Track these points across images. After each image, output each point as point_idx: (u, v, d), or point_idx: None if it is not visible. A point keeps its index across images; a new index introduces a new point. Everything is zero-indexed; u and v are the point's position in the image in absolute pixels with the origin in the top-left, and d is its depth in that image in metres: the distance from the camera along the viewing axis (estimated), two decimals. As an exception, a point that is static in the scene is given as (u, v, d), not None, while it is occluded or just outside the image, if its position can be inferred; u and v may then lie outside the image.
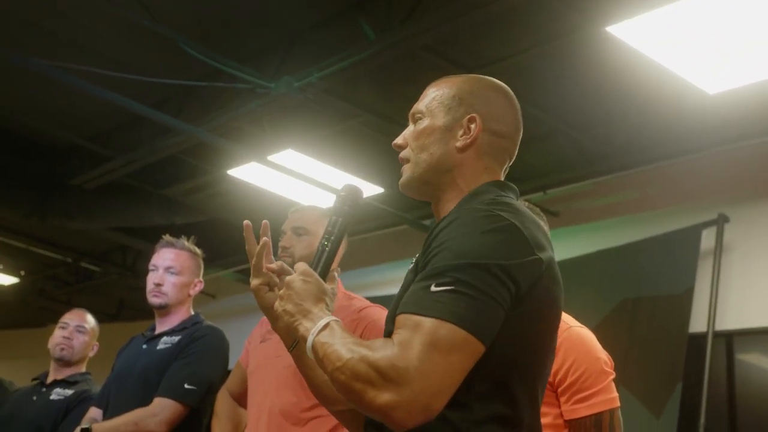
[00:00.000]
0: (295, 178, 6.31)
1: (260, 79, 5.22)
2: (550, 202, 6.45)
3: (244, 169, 6.44)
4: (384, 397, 1.39)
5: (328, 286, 1.68)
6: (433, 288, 1.45)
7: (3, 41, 5.19)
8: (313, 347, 1.53)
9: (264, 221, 1.80)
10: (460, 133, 1.73)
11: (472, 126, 1.72)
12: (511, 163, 1.81)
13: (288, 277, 1.67)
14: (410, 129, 1.80)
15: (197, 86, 5.67)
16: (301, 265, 1.69)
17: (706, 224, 5.57)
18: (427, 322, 1.41)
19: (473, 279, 1.44)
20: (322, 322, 1.55)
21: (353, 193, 1.83)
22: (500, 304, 1.46)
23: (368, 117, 5.86)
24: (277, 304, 1.66)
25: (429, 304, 1.43)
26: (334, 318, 1.57)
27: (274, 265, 1.82)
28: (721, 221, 5.50)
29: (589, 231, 6.37)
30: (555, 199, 6.47)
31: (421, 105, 1.79)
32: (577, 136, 5.80)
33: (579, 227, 6.42)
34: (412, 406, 1.39)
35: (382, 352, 1.42)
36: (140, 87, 5.56)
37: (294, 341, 1.78)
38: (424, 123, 1.76)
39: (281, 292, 1.66)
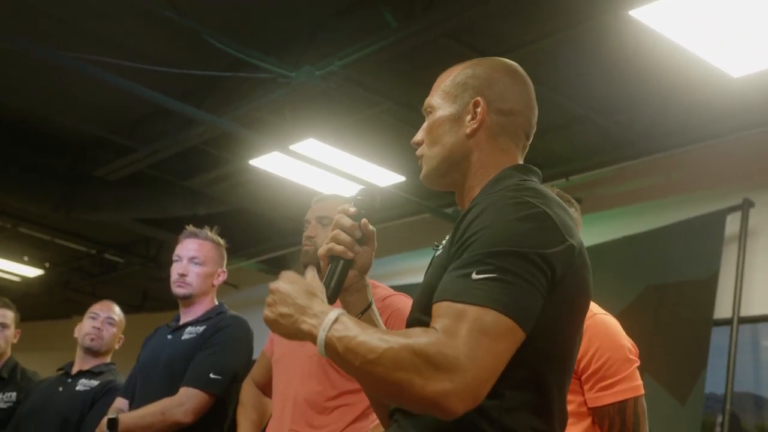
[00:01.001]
0: (317, 167, 6.31)
1: (282, 68, 5.23)
2: (574, 189, 6.41)
3: (266, 159, 6.44)
4: (436, 385, 1.36)
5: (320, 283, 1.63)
6: (474, 276, 1.43)
7: (27, 35, 5.22)
8: (328, 343, 1.47)
9: None
10: (468, 119, 1.72)
11: (478, 110, 1.71)
12: (530, 141, 1.79)
13: (271, 284, 1.61)
14: (425, 124, 1.80)
15: (220, 77, 5.68)
16: (284, 273, 1.64)
17: (731, 209, 5.53)
18: (472, 310, 1.40)
19: (514, 266, 1.43)
20: (331, 315, 1.49)
21: (370, 196, 1.77)
22: (540, 291, 1.45)
23: (390, 105, 5.85)
24: (266, 312, 1.60)
25: (472, 291, 1.42)
26: (340, 310, 1.52)
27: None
28: (746, 206, 5.46)
29: (612, 217, 6.33)
30: (578, 186, 6.43)
31: (431, 98, 1.79)
32: (600, 122, 5.76)
33: (602, 213, 6.39)
34: (465, 394, 1.37)
35: (425, 339, 1.39)
36: (163, 78, 5.57)
37: (357, 316, 1.76)
38: (435, 116, 1.76)
39: (267, 299, 1.60)
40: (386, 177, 6.56)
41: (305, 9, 5.14)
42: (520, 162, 1.75)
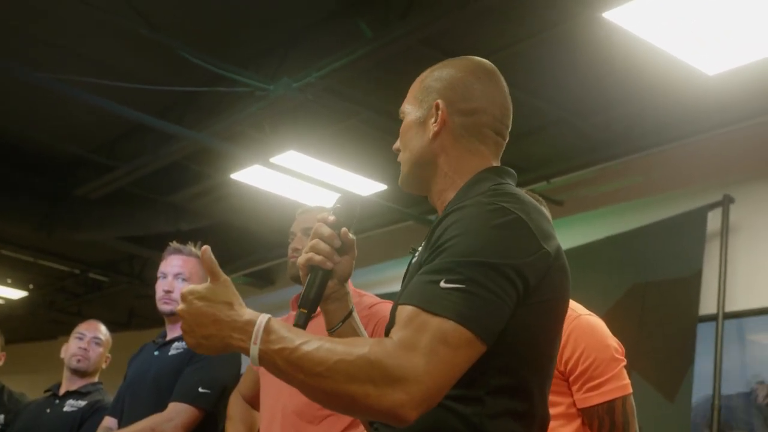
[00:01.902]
0: (299, 179, 6.31)
1: (259, 81, 5.23)
2: (554, 191, 6.44)
3: (248, 173, 6.44)
4: (392, 396, 1.36)
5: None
6: (442, 284, 1.42)
7: (4, 55, 5.20)
8: (263, 357, 1.43)
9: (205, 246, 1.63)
10: (432, 122, 1.71)
11: (438, 111, 1.70)
12: (504, 139, 1.76)
13: (177, 309, 1.53)
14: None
15: (197, 92, 5.68)
16: (183, 293, 1.53)
17: (712, 206, 5.56)
18: (435, 321, 1.39)
19: (483, 278, 1.42)
20: (259, 325, 1.44)
21: (349, 204, 1.74)
22: (507, 304, 1.45)
23: (368, 114, 5.86)
24: (186, 339, 1.52)
25: (438, 300, 1.41)
26: (265, 316, 1.46)
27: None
28: (726, 202, 5.49)
29: (594, 218, 6.36)
30: (559, 188, 6.46)
31: (403, 104, 1.80)
32: (578, 124, 5.79)
33: (584, 215, 6.41)
34: (420, 404, 1.37)
35: (381, 350, 1.38)
36: (141, 95, 5.57)
37: (337, 323, 1.76)
38: (405, 121, 1.77)
39: (182, 326, 1.52)
40: (368, 186, 6.57)
41: (281, 21, 5.15)
42: (494, 163, 1.73)
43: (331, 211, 1.72)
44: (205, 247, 1.61)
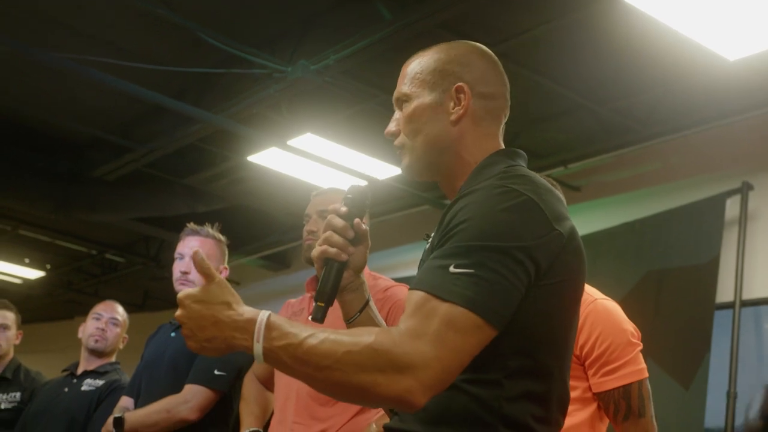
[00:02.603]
0: (315, 161, 6.31)
1: (277, 63, 5.22)
2: (572, 177, 6.42)
3: (264, 155, 6.44)
4: (401, 383, 1.36)
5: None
6: (452, 269, 1.42)
7: (21, 37, 5.21)
8: (268, 355, 1.42)
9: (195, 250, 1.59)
10: (451, 105, 1.68)
11: (461, 96, 1.67)
12: (503, 123, 1.75)
13: (176, 315, 1.51)
14: (398, 114, 1.76)
15: (215, 74, 5.67)
16: (180, 297, 1.52)
17: (730, 193, 5.53)
18: (444, 307, 1.40)
19: (493, 262, 1.42)
20: (260, 323, 1.43)
21: (361, 194, 1.73)
22: (517, 287, 1.44)
23: (386, 97, 5.83)
24: (189, 343, 1.50)
25: (447, 286, 1.41)
26: (265, 313, 1.45)
27: None
28: (745, 189, 5.46)
29: (612, 204, 6.34)
30: (577, 174, 6.44)
31: (404, 87, 1.74)
32: (597, 109, 5.75)
33: (602, 201, 6.39)
34: (430, 389, 1.38)
35: (388, 339, 1.38)
36: (158, 77, 5.57)
37: (355, 314, 1.76)
38: (413, 105, 1.71)
39: (183, 331, 1.51)
40: (384, 169, 6.56)
41: (299, 3, 5.13)
42: (501, 146, 1.72)
43: (342, 201, 1.71)
44: (196, 250, 1.57)
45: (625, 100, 5.67)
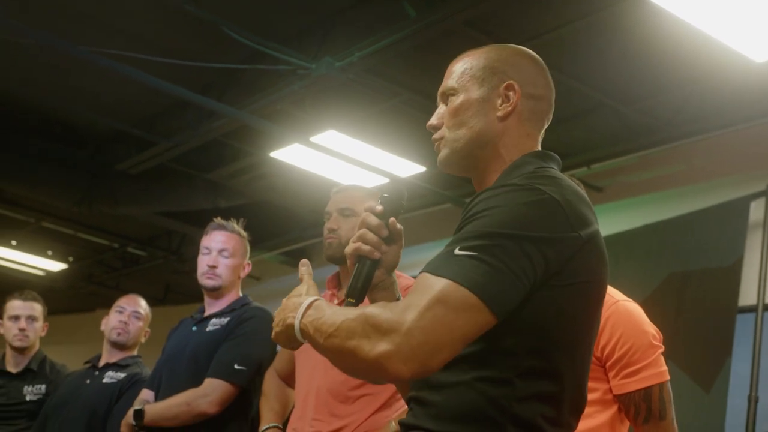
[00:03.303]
0: (338, 158, 6.32)
1: (301, 60, 5.23)
2: (595, 177, 6.39)
3: (287, 151, 6.45)
4: (379, 347, 1.40)
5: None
6: (456, 251, 1.45)
7: (47, 30, 5.24)
8: (302, 330, 1.55)
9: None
10: (499, 102, 1.70)
11: (511, 93, 1.70)
12: (547, 125, 1.78)
13: (284, 300, 1.68)
14: (442, 108, 1.77)
15: (239, 69, 5.69)
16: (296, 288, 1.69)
17: (755, 196, 5.49)
18: (441, 283, 1.42)
19: (499, 249, 1.43)
20: (305, 304, 1.57)
21: (398, 193, 1.75)
22: (521, 278, 1.44)
23: (410, 95, 5.84)
24: (275, 327, 1.67)
25: (447, 265, 1.44)
26: (315, 297, 1.59)
27: None
28: (770, 192, 5.42)
29: (635, 205, 6.30)
30: (600, 174, 6.41)
31: (451, 82, 1.77)
32: (622, 109, 5.73)
33: (625, 201, 6.36)
34: (407, 356, 1.39)
35: (380, 309, 1.44)
36: (183, 71, 5.60)
37: None
38: (460, 98, 1.73)
39: (276, 317, 1.67)
40: (407, 167, 6.56)
41: (323, 0, 5.14)
42: (539, 148, 1.74)
43: (378, 200, 1.73)
44: (303, 260, 1.80)
45: (650, 100, 5.64)
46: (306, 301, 1.57)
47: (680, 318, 5.42)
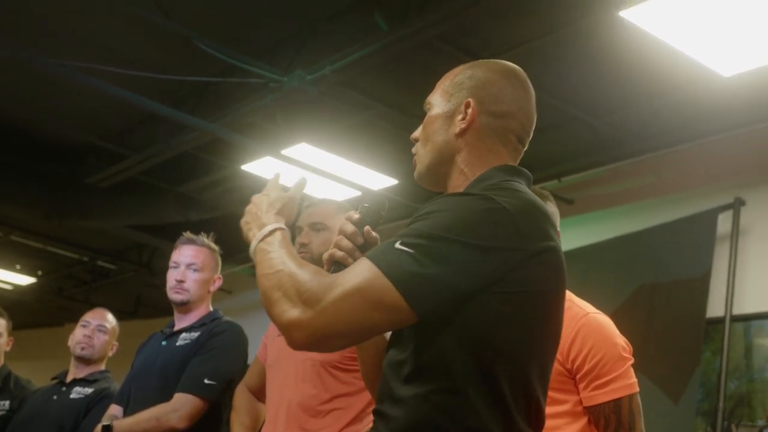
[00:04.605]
0: (310, 171, 6.31)
1: (273, 73, 5.23)
2: (565, 190, 6.43)
3: (259, 164, 6.44)
4: (292, 313, 1.47)
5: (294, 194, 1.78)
6: (396, 245, 1.47)
7: (17, 41, 5.21)
8: (255, 252, 1.63)
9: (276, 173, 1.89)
10: (459, 118, 1.72)
11: (468, 110, 1.71)
12: (524, 146, 1.78)
13: (254, 196, 1.77)
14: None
15: (211, 82, 5.68)
16: (269, 181, 1.81)
17: (723, 208, 5.54)
18: (370, 270, 1.45)
19: (436, 250, 1.45)
20: (267, 228, 1.65)
21: (378, 204, 1.77)
22: (455, 281, 1.45)
23: (382, 109, 5.85)
24: (242, 219, 1.75)
25: (383, 255, 1.47)
26: (281, 226, 1.66)
27: None
28: (737, 205, 5.47)
29: (604, 217, 6.35)
30: (570, 187, 6.45)
31: (431, 95, 1.81)
32: (591, 123, 5.77)
33: (594, 214, 6.40)
34: (308, 329, 1.46)
35: (311, 276, 1.50)
36: (154, 84, 5.58)
37: None
38: (431, 112, 1.78)
39: (247, 207, 1.76)
40: (379, 180, 6.57)
41: (296, 13, 5.14)
42: (509, 163, 1.74)
43: (358, 209, 1.76)
44: (276, 173, 1.89)
45: (619, 113, 5.69)
46: (269, 228, 1.65)
47: (650, 330, 5.46)
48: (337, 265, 1.71)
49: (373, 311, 1.44)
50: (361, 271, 1.46)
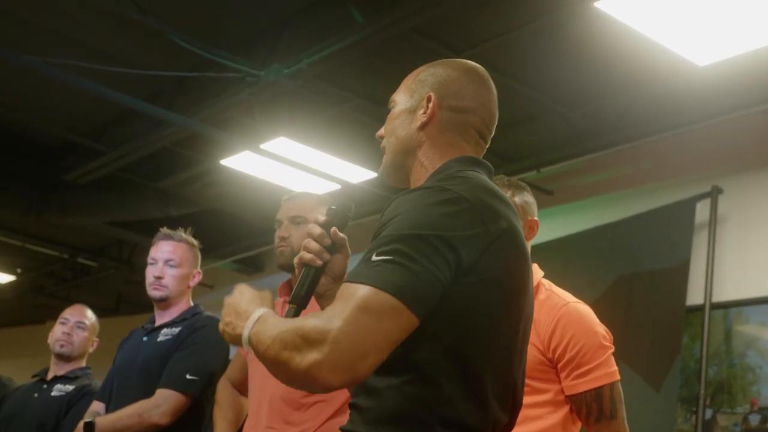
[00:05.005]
0: (289, 165, 6.30)
1: (250, 67, 5.21)
2: (544, 181, 6.45)
3: (237, 159, 6.43)
4: (308, 358, 1.42)
5: (269, 295, 1.70)
6: (373, 258, 1.48)
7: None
8: (249, 341, 1.56)
9: None
10: (421, 112, 1.76)
11: (429, 104, 1.75)
12: (486, 142, 1.82)
13: (226, 299, 1.70)
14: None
15: (188, 77, 5.66)
16: (237, 286, 1.73)
17: (700, 197, 5.58)
18: (361, 290, 1.44)
19: (412, 249, 1.47)
20: (255, 315, 1.58)
21: (344, 207, 1.80)
22: (437, 276, 1.48)
23: (360, 102, 5.85)
24: (220, 324, 1.69)
25: (366, 272, 1.47)
26: (266, 309, 1.60)
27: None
28: (714, 193, 5.51)
29: (583, 208, 6.37)
30: (548, 178, 6.47)
31: (394, 94, 1.85)
32: (568, 114, 5.79)
33: (573, 205, 6.42)
34: (336, 365, 1.41)
35: (310, 320, 1.45)
36: (131, 80, 5.55)
37: None
38: (394, 108, 1.82)
39: (223, 311, 1.69)
40: (358, 173, 6.57)
41: (272, 6, 5.13)
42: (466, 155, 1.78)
43: (325, 211, 1.79)
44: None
45: (595, 104, 5.71)
46: (256, 314, 1.58)
47: (630, 318, 5.49)
48: (308, 268, 1.73)
49: (380, 321, 1.43)
50: (353, 293, 1.45)
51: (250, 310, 1.61)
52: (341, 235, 1.77)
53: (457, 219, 1.53)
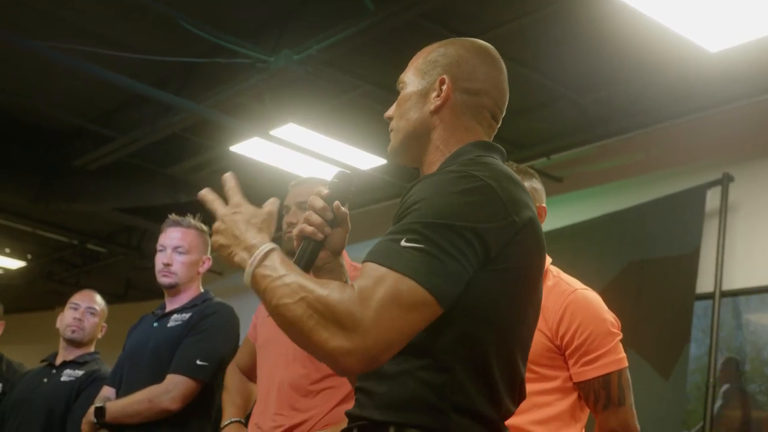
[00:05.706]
0: (298, 152, 6.30)
1: (260, 53, 5.21)
2: (554, 168, 6.43)
3: (247, 145, 6.43)
4: (336, 342, 1.40)
5: (269, 209, 1.66)
6: (403, 243, 1.46)
7: (2, 24, 5.17)
8: (253, 278, 1.51)
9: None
10: (434, 95, 1.74)
11: (443, 87, 1.73)
12: (498, 123, 1.80)
13: (219, 210, 1.65)
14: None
15: (197, 63, 5.65)
16: (233, 197, 1.67)
17: (711, 184, 5.55)
18: (392, 276, 1.42)
19: (443, 240, 1.45)
20: (261, 250, 1.53)
21: (347, 180, 1.76)
22: (465, 267, 1.47)
23: (369, 88, 5.84)
24: (213, 238, 1.64)
25: (396, 257, 1.45)
26: (272, 246, 1.54)
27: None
28: (725, 181, 5.48)
29: (593, 195, 6.35)
30: (559, 165, 6.45)
31: (404, 74, 1.82)
32: (579, 100, 5.77)
33: (583, 191, 6.40)
34: (363, 355, 1.40)
35: (339, 295, 1.42)
36: (141, 66, 5.55)
37: None
38: (405, 91, 1.80)
39: (215, 225, 1.64)
40: (367, 160, 6.56)
41: (282, -7, 5.12)
42: (483, 139, 1.76)
43: (327, 184, 1.75)
44: (229, 174, 1.74)
45: (607, 90, 5.69)
46: (263, 249, 1.53)
47: (639, 306, 5.47)
48: (307, 240, 1.72)
49: (410, 313, 1.42)
50: (384, 278, 1.43)
51: (250, 237, 1.56)
52: (344, 209, 1.74)
53: (485, 209, 1.51)
